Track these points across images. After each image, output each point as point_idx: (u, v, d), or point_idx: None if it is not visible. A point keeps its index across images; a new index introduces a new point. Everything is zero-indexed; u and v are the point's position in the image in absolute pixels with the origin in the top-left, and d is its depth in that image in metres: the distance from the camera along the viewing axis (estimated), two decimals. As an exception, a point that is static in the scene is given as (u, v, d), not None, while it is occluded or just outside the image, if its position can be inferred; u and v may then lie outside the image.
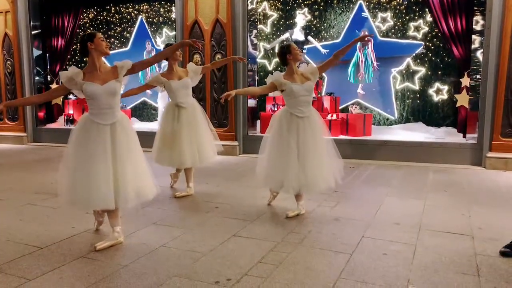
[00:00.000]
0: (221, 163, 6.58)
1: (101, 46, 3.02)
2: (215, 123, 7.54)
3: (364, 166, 6.31)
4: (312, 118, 3.68)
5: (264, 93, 4.05)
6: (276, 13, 9.16)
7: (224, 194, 4.60)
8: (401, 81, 8.42)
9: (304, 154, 3.58)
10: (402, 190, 4.81)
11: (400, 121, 8.44)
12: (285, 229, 3.41)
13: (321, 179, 3.61)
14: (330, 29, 8.84)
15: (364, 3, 8.50)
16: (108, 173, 2.88)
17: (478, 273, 2.58)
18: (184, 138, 4.28)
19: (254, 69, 7.95)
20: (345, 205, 4.14)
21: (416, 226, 3.45)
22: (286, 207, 3.94)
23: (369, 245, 3.05)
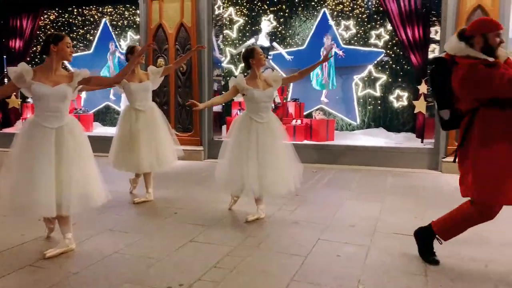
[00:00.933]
0: (185, 168, 6.52)
1: (64, 51, 2.93)
2: (179, 128, 7.48)
3: (326, 170, 6.42)
4: (271, 124, 3.72)
5: (227, 100, 4.06)
6: (242, 19, 9.22)
7: (184, 199, 4.55)
8: (363, 87, 8.64)
9: (263, 158, 3.61)
10: (361, 193, 4.92)
11: (362, 126, 8.65)
12: (243, 233, 3.42)
13: (280, 183, 3.64)
14: (295, 36, 8.97)
15: (328, 11, 8.69)
16: (51, 179, 2.78)
17: (426, 273, 2.67)
18: (141, 142, 4.21)
19: (220, 74, 7.96)
20: (304, 209, 4.19)
21: (371, 229, 3.53)
22: (247, 211, 3.94)
23: (325, 247, 3.10)
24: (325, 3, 8.72)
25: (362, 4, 8.56)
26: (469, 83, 2.57)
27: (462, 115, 2.70)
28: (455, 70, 2.62)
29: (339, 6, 8.66)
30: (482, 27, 2.59)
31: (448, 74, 2.65)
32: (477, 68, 2.54)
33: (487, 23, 2.63)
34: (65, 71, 3.08)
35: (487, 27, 2.59)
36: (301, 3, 8.88)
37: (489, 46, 2.56)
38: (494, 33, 2.56)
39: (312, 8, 8.82)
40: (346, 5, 8.63)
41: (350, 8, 8.61)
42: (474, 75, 2.55)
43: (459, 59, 2.62)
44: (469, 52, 2.60)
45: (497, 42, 2.57)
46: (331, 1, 8.70)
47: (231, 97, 3.91)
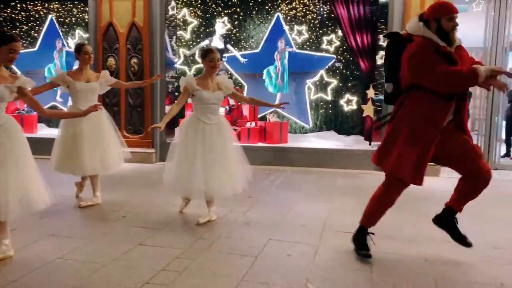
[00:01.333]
0: (136, 170, 6.36)
1: (4, 56, 2.76)
2: (130, 130, 7.29)
3: (279, 172, 6.50)
4: (220, 125, 3.72)
5: (182, 104, 3.90)
6: (196, 20, 9.14)
7: (134, 203, 4.43)
8: (315, 91, 8.85)
9: (211, 159, 3.59)
10: (312, 194, 5.03)
11: (314, 129, 8.85)
12: (194, 235, 3.38)
13: (228, 184, 3.64)
14: (250, 39, 9.03)
15: (282, 15, 8.82)
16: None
17: (371, 269, 2.77)
18: (85, 145, 4.04)
19: (174, 76, 7.84)
20: (257, 210, 4.21)
21: (320, 228, 3.62)
22: (198, 213, 3.89)
23: (275, 247, 3.13)
24: (278, 7, 8.85)
25: (314, 10, 8.77)
26: (414, 62, 2.66)
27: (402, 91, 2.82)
28: (409, 46, 2.71)
29: (292, 11, 8.82)
30: (435, 12, 2.69)
31: (402, 49, 2.75)
32: (426, 53, 2.63)
33: (440, 8, 2.70)
34: (8, 71, 2.91)
35: (440, 11, 2.68)
36: (255, 7, 8.95)
37: (442, 30, 2.66)
38: (446, 17, 2.65)
39: (266, 12, 8.92)
40: (299, 10, 8.81)
41: (303, 13, 8.80)
42: (421, 57, 2.64)
43: (415, 37, 2.73)
44: (424, 33, 2.70)
45: (450, 26, 2.65)
46: (284, 6, 8.84)
47: (185, 100, 3.81)
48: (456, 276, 2.67)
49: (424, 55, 2.65)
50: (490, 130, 7.09)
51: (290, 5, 8.82)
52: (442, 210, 2.97)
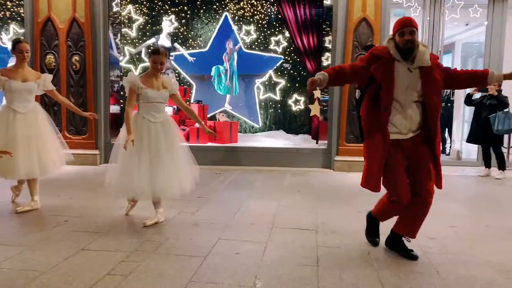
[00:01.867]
0: (79, 173, 6.09)
1: None
2: (72, 131, 6.96)
3: (230, 171, 6.49)
4: (165, 123, 3.64)
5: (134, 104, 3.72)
6: (142, 18, 8.91)
7: (77, 207, 4.23)
8: (264, 91, 8.94)
9: (157, 159, 3.51)
10: (261, 192, 5.08)
11: (263, 129, 8.95)
12: (141, 238, 3.29)
13: (176, 184, 3.57)
14: (197, 37, 8.95)
15: (230, 15, 8.83)
16: None
17: (318, 263, 2.84)
18: (19, 146, 3.79)
19: (119, 75, 7.58)
20: (206, 210, 4.18)
21: (269, 225, 3.66)
22: (145, 216, 3.80)
23: (224, 247, 3.12)
24: (226, 7, 8.85)
25: (262, 10, 8.86)
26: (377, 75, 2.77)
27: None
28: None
29: (240, 11, 8.86)
30: (393, 28, 2.80)
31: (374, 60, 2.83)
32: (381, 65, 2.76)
33: (395, 24, 2.79)
34: None
35: (394, 27, 2.78)
36: (202, 6, 8.89)
37: (397, 45, 2.77)
38: (398, 31, 2.75)
39: (214, 11, 8.88)
40: (246, 10, 8.86)
41: (251, 13, 8.86)
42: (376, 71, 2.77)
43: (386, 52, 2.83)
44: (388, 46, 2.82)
45: (401, 40, 2.73)
46: (232, 6, 8.85)
47: (135, 99, 3.62)
48: (396, 266, 2.80)
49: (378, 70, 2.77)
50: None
51: (238, 5, 8.85)
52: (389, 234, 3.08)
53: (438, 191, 3.00)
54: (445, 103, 8.45)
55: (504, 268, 2.79)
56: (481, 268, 2.79)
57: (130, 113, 3.54)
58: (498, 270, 2.77)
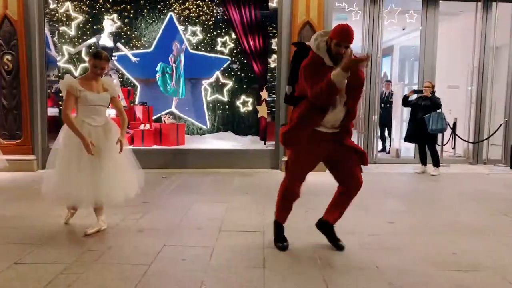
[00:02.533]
0: (13, 180, 5.72)
1: None
2: (5, 135, 6.51)
3: (176, 175, 6.39)
4: (107, 127, 3.50)
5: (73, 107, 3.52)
6: (81, 16, 8.51)
7: (9, 217, 3.96)
8: (212, 93, 8.89)
9: (98, 164, 3.36)
10: (208, 195, 5.04)
11: (212, 130, 8.89)
12: (81, 248, 3.14)
13: (119, 189, 3.43)
14: (141, 37, 8.71)
15: (175, 15, 8.68)
16: None
17: (264, 264, 2.87)
18: None
19: (57, 75, 7.20)
20: (151, 216, 4.08)
21: (217, 229, 3.64)
22: (86, 224, 3.63)
23: (170, 253, 3.06)
24: (171, 7, 8.69)
25: (208, 11, 8.80)
26: (303, 75, 2.90)
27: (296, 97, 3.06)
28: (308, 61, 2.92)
29: (185, 11, 8.74)
30: (332, 31, 2.89)
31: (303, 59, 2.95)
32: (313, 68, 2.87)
33: (335, 30, 2.88)
34: None
35: (333, 33, 2.87)
36: (146, 5, 8.66)
37: (330, 50, 2.88)
38: (335, 41, 2.84)
39: (159, 11, 8.69)
40: (192, 11, 8.76)
41: (197, 14, 8.77)
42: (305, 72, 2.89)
43: (312, 53, 2.93)
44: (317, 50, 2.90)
45: (335, 50, 2.85)
46: (177, 6, 8.71)
47: (73, 102, 3.42)
48: (339, 263, 2.90)
49: (310, 70, 2.88)
50: (368, 128, 7.88)
51: (183, 5, 8.72)
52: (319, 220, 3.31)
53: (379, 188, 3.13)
54: (384, 104, 8.88)
55: (438, 261, 2.97)
56: (417, 262, 2.95)
57: (71, 116, 3.36)
58: (431, 262, 2.94)
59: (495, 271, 2.79)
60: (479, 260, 3.00)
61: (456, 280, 2.64)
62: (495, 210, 4.47)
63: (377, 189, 5.53)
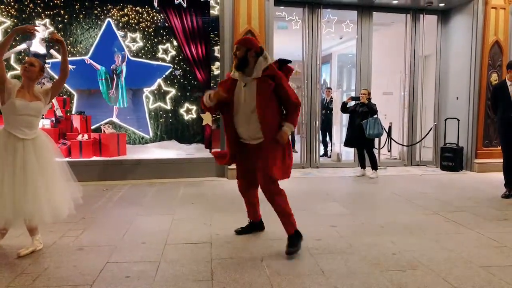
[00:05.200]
0: None
1: None
2: None
3: (118, 187, 6.15)
4: (38, 140, 3.24)
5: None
6: (9, 21, 7.96)
7: None
8: (154, 101, 8.69)
9: (26, 179, 3.10)
10: (152, 207, 4.90)
11: (155, 139, 8.68)
12: (14, 271, 2.91)
13: (45, 207, 3.15)
14: (78, 44, 8.32)
15: (113, 21, 8.40)
16: None
17: (212, 277, 2.83)
18: None
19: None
20: (92, 232, 3.88)
21: (162, 242, 3.55)
22: (20, 245, 3.38)
23: (113, 271, 2.93)
24: (109, 13, 8.40)
25: (148, 18, 8.61)
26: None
27: None
28: None
29: (124, 18, 8.48)
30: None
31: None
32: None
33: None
34: None
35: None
36: (82, 10, 8.30)
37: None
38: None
39: (96, 16, 8.36)
40: (131, 17, 8.52)
41: (136, 20, 8.55)
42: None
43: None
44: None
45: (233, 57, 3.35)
46: (116, 12, 8.44)
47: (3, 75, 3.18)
48: (287, 271, 2.93)
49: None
50: (310, 133, 8.11)
51: (122, 11, 8.47)
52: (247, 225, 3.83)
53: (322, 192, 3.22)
54: (325, 110, 9.19)
55: (379, 262, 3.11)
56: (359, 264, 3.07)
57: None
58: (373, 264, 3.08)
59: (431, 269, 2.98)
60: (416, 259, 3.18)
61: (397, 280, 2.78)
62: (427, 210, 4.78)
63: (320, 193, 5.70)
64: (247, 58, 3.25)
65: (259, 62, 3.25)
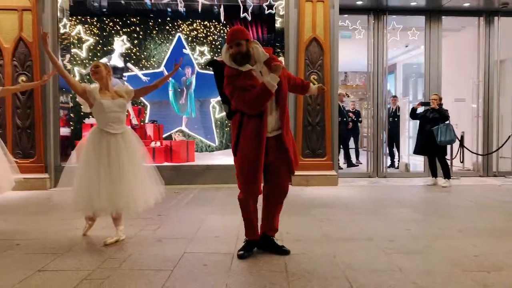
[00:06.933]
0: (27, 198, 5.76)
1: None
2: (18, 154, 6.58)
3: (188, 190, 6.41)
4: (126, 135, 3.54)
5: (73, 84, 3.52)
6: (92, 38, 8.74)
7: (28, 230, 3.98)
8: (220, 110, 9.00)
9: (118, 171, 3.38)
10: (222, 208, 5.05)
11: (220, 147, 8.96)
12: (102, 256, 3.15)
13: (138, 197, 3.44)
14: (151, 58, 8.90)
15: (183, 36, 8.89)
16: None
17: (286, 269, 2.87)
18: None
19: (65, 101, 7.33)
20: (168, 227, 4.10)
21: (234, 237, 3.65)
22: (104, 235, 3.65)
23: (191, 260, 3.07)
24: (179, 28, 8.91)
25: (215, 31, 9.01)
26: (228, 91, 2.98)
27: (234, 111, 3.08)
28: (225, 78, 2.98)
29: (193, 32, 8.95)
30: (226, 38, 3.00)
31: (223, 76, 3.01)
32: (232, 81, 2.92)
33: (228, 35, 2.99)
34: None
35: (227, 39, 2.98)
36: (155, 27, 8.89)
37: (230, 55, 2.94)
38: (229, 45, 2.94)
39: (167, 32, 8.91)
40: (200, 31, 8.97)
41: (204, 34, 8.98)
42: (226, 88, 2.97)
43: (226, 68, 3.00)
44: (225, 59, 2.99)
45: (232, 52, 2.91)
46: (185, 27, 8.93)
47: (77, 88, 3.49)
48: (361, 267, 2.89)
49: (229, 84, 2.95)
50: (377, 146, 7.91)
51: (191, 26, 8.94)
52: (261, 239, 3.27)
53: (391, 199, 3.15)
54: (392, 118, 8.95)
55: (460, 262, 2.96)
56: (439, 264, 2.94)
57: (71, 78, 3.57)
58: (454, 264, 2.93)
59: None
60: (501, 261, 2.99)
61: (482, 281, 2.63)
62: (511, 216, 4.46)
63: (390, 200, 5.54)
64: (249, 49, 2.98)
65: (255, 47, 3.03)
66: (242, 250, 3.15)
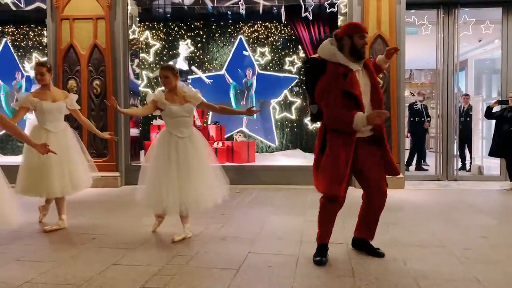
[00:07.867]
0: (101, 195, 6.13)
1: None
2: (93, 153, 7.03)
3: (249, 190, 6.47)
4: (193, 137, 3.67)
5: (145, 114, 4.00)
6: (159, 43, 9.14)
7: (103, 225, 4.24)
8: (280, 111, 9.00)
9: (186, 171, 3.52)
10: (284, 209, 5.04)
11: (280, 148, 8.96)
12: (171, 253, 3.27)
13: (206, 195, 3.57)
14: (213, 60, 9.12)
15: (244, 38, 9.01)
16: None
17: (353, 274, 2.78)
18: (53, 165, 3.83)
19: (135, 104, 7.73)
20: (231, 226, 4.16)
21: (298, 239, 3.62)
22: (173, 232, 3.78)
23: (255, 260, 3.09)
24: (241, 30, 9.04)
25: (276, 32, 9.03)
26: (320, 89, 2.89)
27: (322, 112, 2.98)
28: (324, 75, 2.87)
29: (254, 34, 9.04)
30: (349, 29, 2.93)
31: (321, 74, 2.90)
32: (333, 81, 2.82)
33: (352, 26, 2.98)
34: None
35: (353, 29, 2.93)
36: (218, 30, 9.10)
37: (354, 46, 2.88)
38: (358, 35, 2.89)
39: (229, 34, 9.08)
40: (261, 32, 9.04)
41: (265, 35, 9.03)
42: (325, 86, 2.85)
43: (329, 65, 2.89)
44: (338, 58, 2.87)
45: (360, 43, 2.88)
46: (247, 29, 9.05)
47: (150, 112, 3.76)
48: (434, 275, 2.73)
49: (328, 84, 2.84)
50: (447, 147, 7.46)
51: (252, 28, 9.04)
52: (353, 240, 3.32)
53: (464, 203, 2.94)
54: (463, 117, 8.40)
55: (547, 276, 2.70)
56: (523, 276, 2.71)
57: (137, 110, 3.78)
58: (541, 277, 2.68)
59: None
60: None
61: None
62: None
63: (462, 204, 5.20)
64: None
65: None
66: (319, 256, 3.03)
